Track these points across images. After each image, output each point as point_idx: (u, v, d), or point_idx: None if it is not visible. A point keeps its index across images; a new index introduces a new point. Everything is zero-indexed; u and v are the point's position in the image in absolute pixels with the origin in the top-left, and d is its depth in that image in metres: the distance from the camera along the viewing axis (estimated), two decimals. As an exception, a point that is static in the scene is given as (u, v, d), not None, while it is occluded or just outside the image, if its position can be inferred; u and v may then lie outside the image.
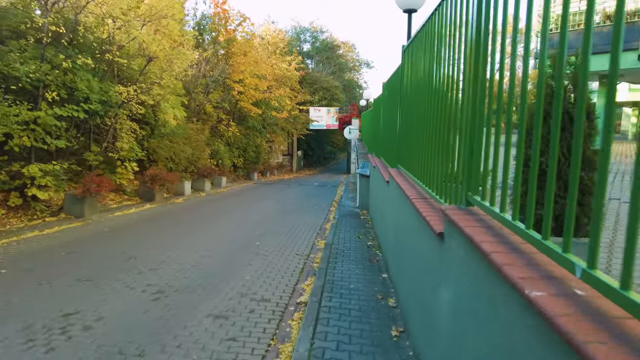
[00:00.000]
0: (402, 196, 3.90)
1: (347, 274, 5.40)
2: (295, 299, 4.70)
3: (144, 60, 11.22)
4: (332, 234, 7.88)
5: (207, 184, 15.38)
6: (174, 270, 5.65)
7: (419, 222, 3.06)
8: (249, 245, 7.16)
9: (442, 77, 2.80)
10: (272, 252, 6.78)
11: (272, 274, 5.59)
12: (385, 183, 5.89)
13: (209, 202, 12.69)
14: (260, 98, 20.26)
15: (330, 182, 20.80)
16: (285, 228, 8.77)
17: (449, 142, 2.59)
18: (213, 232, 8.16)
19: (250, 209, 11.38)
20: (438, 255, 2.49)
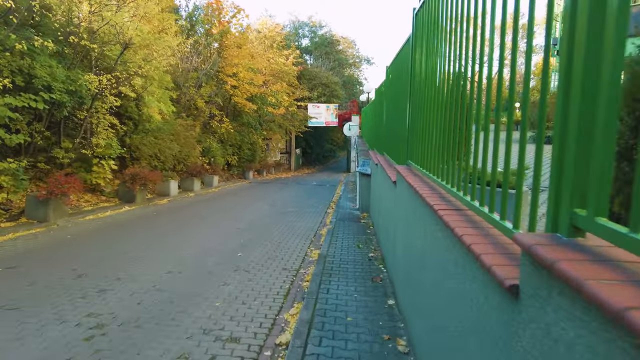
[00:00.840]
0: (421, 205, 2.74)
1: (344, 300, 4.23)
2: (274, 337, 3.53)
3: (121, 47, 10.05)
4: (327, 243, 6.72)
5: (197, 183, 14.23)
6: (128, 293, 4.49)
7: (457, 254, 1.90)
8: (229, 258, 6.00)
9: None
10: (255, 266, 5.62)
11: (250, 298, 4.43)
12: (391, 184, 4.72)
13: (195, 203, 11.52)
14: (255, 93, 19.08)
15: (329, 181, 19.63)
16: (276, 235, 7.61)
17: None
18: (190, 241, 6.99)
19: (239, 211, 10.21)
20: (506, 321, 1.33)
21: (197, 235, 7.35)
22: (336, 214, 9.79)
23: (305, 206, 11.32)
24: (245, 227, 8.26)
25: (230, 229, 7.97)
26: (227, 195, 13.63)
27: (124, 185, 10.88)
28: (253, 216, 9.48)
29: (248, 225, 8.44)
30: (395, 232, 4.42)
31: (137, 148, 12.17)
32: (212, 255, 6.12)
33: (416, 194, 2.92)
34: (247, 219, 9.14)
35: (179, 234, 7.42)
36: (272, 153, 25.25)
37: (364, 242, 6.80)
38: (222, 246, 6.64)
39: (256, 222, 8.81)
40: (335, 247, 6.46)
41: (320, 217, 9.63)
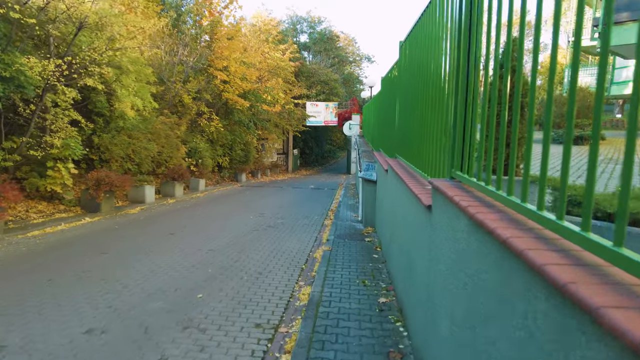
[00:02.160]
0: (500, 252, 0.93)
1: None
2: None
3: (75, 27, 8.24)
4: (322, 275, 4.92)
5: (179, 188, 12.43)
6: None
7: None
8: (183, 303, 4.21)
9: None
10: (216, 319, 3.83)
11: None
12: (419, 208, 2.93)
13: (171, 213, 9.73)
14: (248, 89, 17.28)
15: (328, 184, 17.83)
16: (256, 260, 5.81)
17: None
18: (139, 273, 5.20)
19: (218, 224, 8.42)
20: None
21: (152, 263, 5.55)
22: (335, 227, 7.99)
23: (299, 216, 9.52)
24: (220, 247, 6.46)
25: (200, 252, 6.18)
26: (212, 201, 11.84)
27: (86, 192, 9.10)
28: (233, 231, 7.68)
29: (224, 244, 6.64)
30: (431, 288, 2.62)
31: (106, 148, 10.38)
32: (160, 298, 4.32)
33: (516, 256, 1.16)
34: (225, 235, 7.34)
35: (128, 261, 5.62)
36: (268, 154, 23.45)
37: (371, 273, 5.00)
38: (180, 281, 4.85)
39: (235, 240, 7.01)
40: (333, 282, 4.66)
41: (316, 232, 7.83)
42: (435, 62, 2.94)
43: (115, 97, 10.81)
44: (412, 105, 3.87)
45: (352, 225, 8.17)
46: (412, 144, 3.88)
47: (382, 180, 6.22)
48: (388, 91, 6.54)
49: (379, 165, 6.71)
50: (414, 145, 3.71)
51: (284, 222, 8.78)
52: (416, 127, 3.61)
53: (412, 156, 3.82)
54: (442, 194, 2.22)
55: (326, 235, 7.36)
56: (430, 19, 3.22)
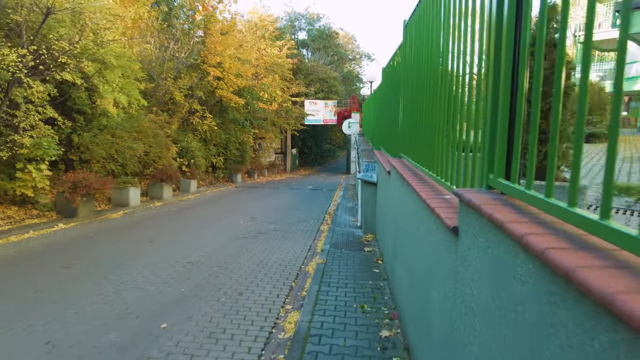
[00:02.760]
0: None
1: None
2: None
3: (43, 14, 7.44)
4: (313, 297, 4.12)
5: (167, 190, 11.64)
6: None
7: None
8: (142, 336, 3.41)
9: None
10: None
11: None
12: (431, 222, 2.16)
13: (156, 217, 8.94)
14: (243, 86, 16.48)
15: (326, 185, 17.03)
16: (239, 275, 5.02)
17: None
18: (97, 293, 4.40)
19: (203, 230, 7.62)
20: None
21: (118, 280, 4.75)
22: (331, 234, 7.19)
23: (294, 221, 8.72)
24: (201, 259, 5.67)
25: (177, 265, 5.39)
26: (202, 204, 11.04)
27: (62, 196, 8.32)
28: (219, 239, 6.89)
29: (206, 255, 5.85)
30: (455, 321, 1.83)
31: (87, 148, 9.59)
32: (116, 328, 3.53)
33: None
34: (209, 243, 6.54)
35: (92, 277, 4.82)
36: (266, 153, 22.64)
37: (371, 294, 4.20)
38: (145, 305, 4.05)
39: (219, 249, 6.21)
40: (326, 307, 3.86)
41: (310, 239, 7.03)
42: (459, 40, 2.13)
43: (97, 93, 10.03)
44: (423, 96, 3.08)
45: (351, 232, 7.37)
46: (422, 141, 3.08)
47: (383, 183, 5.42)
48: (390, 82, 5.74)
49: (379, 166, 5.91)
50: (426, 143, 2.91)
51: (277, 227, 7.98)
52: (428, 121, 2.81)
53: (423, 157, 3.01)
54: (479, 213, 1.42)
55: (321, 244, 6.56)
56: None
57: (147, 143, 11.72)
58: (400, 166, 3.75)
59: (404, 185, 3.20)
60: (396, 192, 3.89)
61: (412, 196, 2.79)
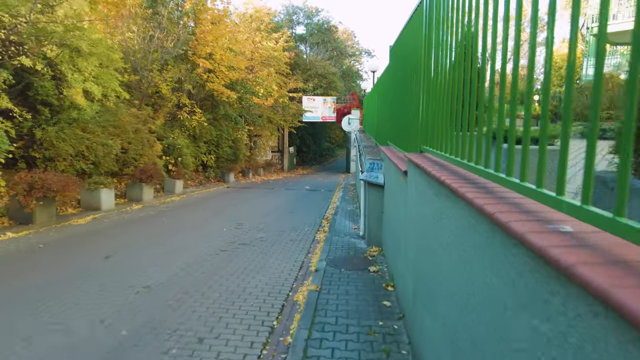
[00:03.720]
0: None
1: None
2: None
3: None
4: (299, 354, 2.86)
5: (148, 191, 10.36)
6: None
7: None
8: None
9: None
10: None
11: None
12: (520, 263, 0.88)
13: (126, 224, 7.65)
14: (236, 79, 15.19)
15: (325, 185, 15.75)
16: (204, 309, 3.74)
17: None
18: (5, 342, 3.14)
19: (178, 240, 6.33)
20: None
21: (35, 319, 3.48)
22: (329, 245, 5.92)
23: (286, 228, 7.45)
24: (162, 282, 4.40)
25: (129, 291, 4.12)
26: (186, 207, 9.77)
27: (14, 199, 7.05)
28: (192, 253, 5.62)
29: (170, 277, 4.58)
30: None
31: (51, 144, 8.31)
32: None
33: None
34: (178, 259, 5.27)
35: (5, 313, 3.56)
36: (262, 152, 21.35)
37: (384, 347, 2.93)
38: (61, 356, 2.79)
39: (189, 268, 4.94)
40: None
41: (303, 252, 5.76)
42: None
43: (65, 82, 8.76)
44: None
45: (352, 243, 6.10)
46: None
47: (395, 186, 4.15)
48: (403, 63, 4.45)
49: (389, 165, 4.63)
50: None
51: (265, 236, 6.71)
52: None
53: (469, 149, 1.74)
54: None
55: (316, 260, 5.29)
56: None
57: (126, 139, 10.45)
58: (428, 164, 2.48)
59: (447, 195, 1.92)
60: (420, 198, 2.62)
61: (475, 221, 1.51)
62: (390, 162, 4.37)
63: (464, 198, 1.55)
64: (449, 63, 2.26)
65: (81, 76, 8.98)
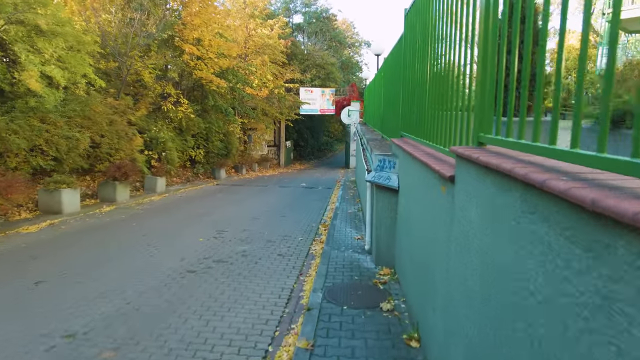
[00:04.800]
0: None
1: None
2: None
3: None
4: None
5: (122, 190, 9.02)
6: None
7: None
8: None
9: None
10: None
11: None
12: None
13: (85, 233, 6.32)
14: (226, 67, 13.79)
15: (323, 181, 14.42)
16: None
17: None
18: None
19: (136, 257, 4.98)
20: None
21: None
22: (326, 265, 4.60)
23: (275, 236, 6.14)
24: (90, 329, 3.08)
25: (36, 348, 2.81)
26: (164, 208, 8.44)
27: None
28: (150, 275, 4.30)
29: (104, 319, 3.26)
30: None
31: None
32: None
33: None
34: (126, 286, 3.96)
35: None
36: (257, 146, 19.96)
37: None
38: None
39: (140, 299, 3.63)
40: None
41: (293, 274, 4.45)
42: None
43: (18, 64, 7.39)
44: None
45: (355, 260, 4.79)
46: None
47: (420, 193, 2.83)
48: (429, 24, 3.10)
49: (410, 163, 3.30)
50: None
51: (249, 249, 5.40)
52: None
53: None
54: None
55: (310, 286, 3.98)
56: None
57: (98, 132, 9.10)
58: (508, 163, 1.17)
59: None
60: (522, 247, 1.30)
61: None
62: (412, 160, 3.04)
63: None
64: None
65: (39, 58, 7.62)
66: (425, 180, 2.61)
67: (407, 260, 3.49)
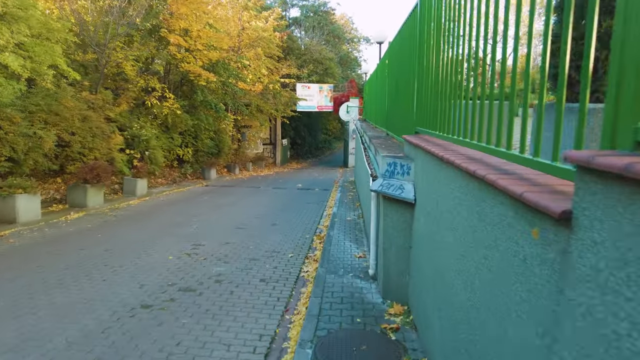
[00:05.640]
0: None
1: None
2: None
3: None
4: None
5: (95, 194, 7.96)
6: None
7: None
8: None
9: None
10: None
11: None
12: None
13: (37, 247, 5.25)
14: (216, 59, 12.70)
15: (320, 182, 13.38)
16: None
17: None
18: None
19: (81, 287, 3.91)
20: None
21: None
22: (319, 297, 3.57)
23: (260, 253, 5.10)
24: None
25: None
26: (140, 215, 7.39)
27: None
28: (95, 310, 3.27)
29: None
30: None
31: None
32: None
33: None
34: (58, 328, 2.93)
35: None
36: (252, 144, 18.89)
37: None
38: None
39: (60, 356, 2.60)
40: None
41: (278, 310, 3.42)
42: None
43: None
44: None
45: (357, 290, 3.75)
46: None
47: (457, 211, 1.80)
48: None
49: (437, 169, 2.26)
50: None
51: (226, 272, 4.36)
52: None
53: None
54: None
55: (297, 333, 2.94)
56: None
57: (66, 129, 8.04)
58: None
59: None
60: None
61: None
62: (445, 166, 2.00)
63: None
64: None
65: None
66: (478, 202, 1.57)
67: (432, 302, 2.46)
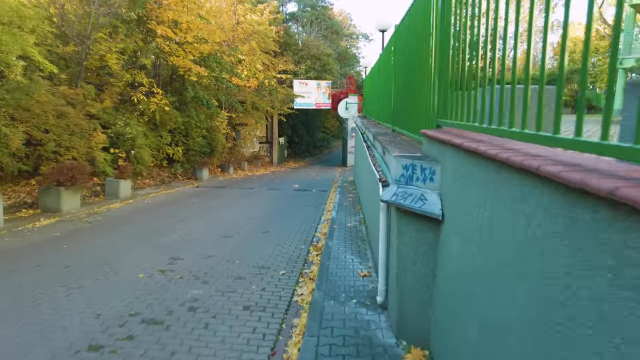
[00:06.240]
0: None
1: None
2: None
3: None
4: None
5: (71, 197, 7.18)
6: None
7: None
8: None
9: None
10: None
11: None
12: None
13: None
14: (207, 52, 11.91)
15: (318, 182, 12.62)
16: None
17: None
18: None
19: (22, 325, 3.19)
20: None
21: None
22: (315, 340, 2.81)
23: (245, 271, 4.35)
24: None
25: None
26: (118, 221, 6.61)
27: None
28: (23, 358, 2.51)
29: None
30: None
31: None
32: None
33: None
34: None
35: None
36: (248, 142, 18.10)
37: None
38: None
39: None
40: None
41: (262, 357, 2.68)
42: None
43: None
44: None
45: (363, 327, 2.99)
46: None
47: (536, 258, 1.04)
48: None
49: (484, 173, 1.50)
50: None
51: (202, 296, 3.59)
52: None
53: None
54: None
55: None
56: None
57: (40, 126, 7.26)
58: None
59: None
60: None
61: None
62: (499, 171, 1.24)
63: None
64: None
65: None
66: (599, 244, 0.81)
67: (473, 358, 1.70)
